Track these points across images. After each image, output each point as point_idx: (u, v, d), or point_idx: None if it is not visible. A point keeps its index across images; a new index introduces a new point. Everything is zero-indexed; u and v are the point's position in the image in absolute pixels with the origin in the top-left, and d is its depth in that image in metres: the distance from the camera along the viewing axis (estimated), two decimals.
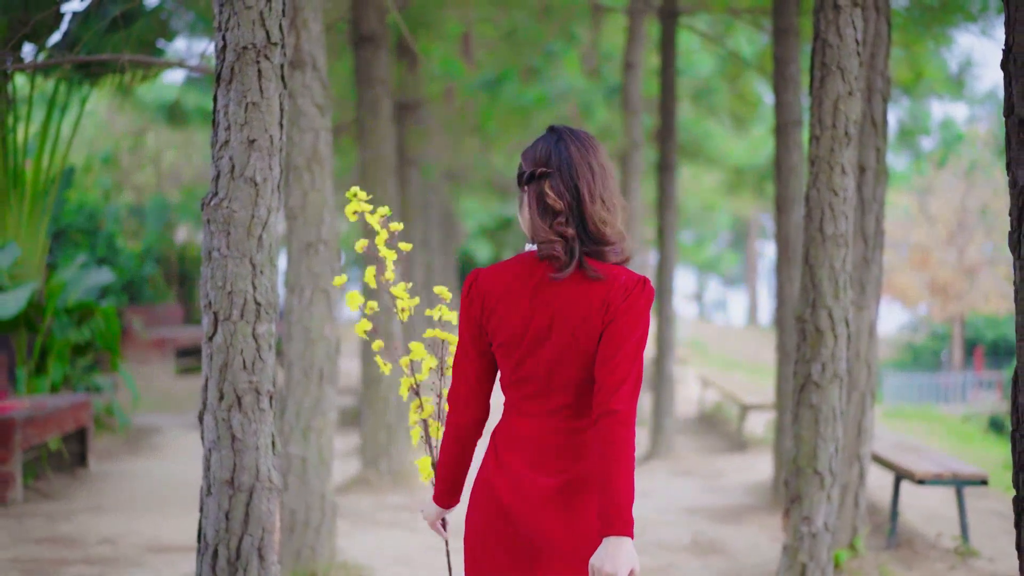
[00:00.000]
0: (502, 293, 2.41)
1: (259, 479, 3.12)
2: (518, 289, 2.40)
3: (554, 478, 2.39)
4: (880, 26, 5.25)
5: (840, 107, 3.96)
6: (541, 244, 2.38)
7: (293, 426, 4.99)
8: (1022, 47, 2.34)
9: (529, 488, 2.39)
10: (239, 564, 3.10)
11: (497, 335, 2.42)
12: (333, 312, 5.06)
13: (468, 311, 2.45)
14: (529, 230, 2.43)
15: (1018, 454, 2.40)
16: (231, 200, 3.08)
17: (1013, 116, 2.37)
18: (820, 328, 4.05)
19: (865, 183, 5.32)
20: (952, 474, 5.85)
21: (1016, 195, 2.36)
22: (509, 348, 2.41)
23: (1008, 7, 2.37)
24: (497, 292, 2.42)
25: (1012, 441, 2.41)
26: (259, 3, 3.08)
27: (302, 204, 4.99)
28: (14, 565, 5.55)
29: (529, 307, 2.39)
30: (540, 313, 2.39)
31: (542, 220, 2.38)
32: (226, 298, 3.08)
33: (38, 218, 9.25)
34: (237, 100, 3.07)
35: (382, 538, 6.33)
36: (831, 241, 4.00)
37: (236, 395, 3.09)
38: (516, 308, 2.40)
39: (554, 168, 2.39)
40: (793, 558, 4.12)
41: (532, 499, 2.39)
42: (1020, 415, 2.38)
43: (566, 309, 2.38)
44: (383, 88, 7.56)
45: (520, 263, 2.43)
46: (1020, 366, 2.39)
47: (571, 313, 2.38)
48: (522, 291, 2.40)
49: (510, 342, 2.41)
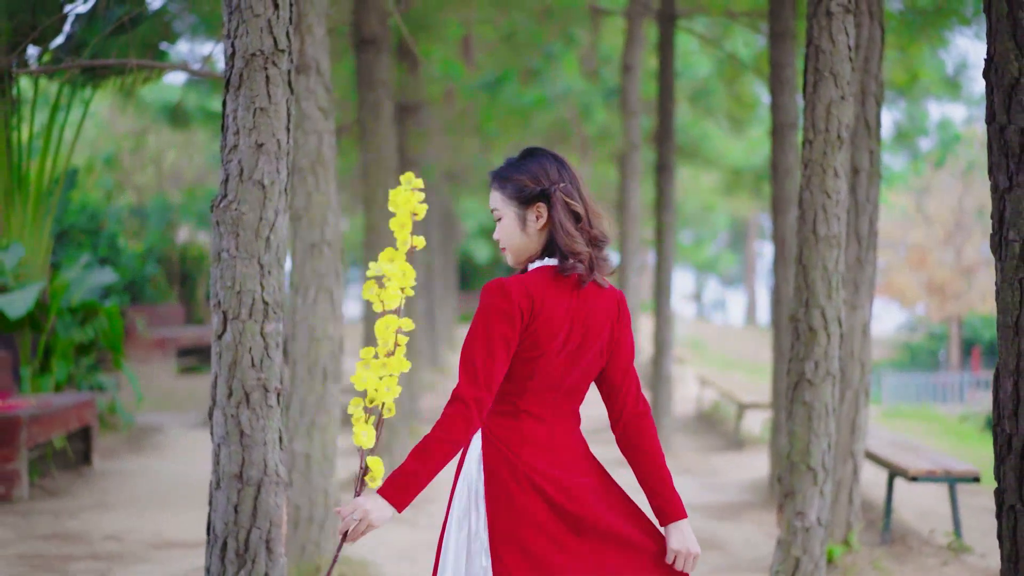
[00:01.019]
0: (544, 302, 2.48)
1: (267, 473, 3.20)
2: (555, 298, 2.49)
3: (588, 477, 2.54)
4: (873, 31, 5.35)
5: (833, 111, 4.05)
6: (573, 255, 2.49)
7: (297, 423, 5.08)
8: (1003, 57, 2.43)
9: (577, 489, 2.50)
10: (247, 556, 3.19)
11: (540, 344, 2.48)
12: (337, 311, 5.15)
13: (511, 317, 2.45)
14: (539, 245, 2.54)
15: (999, 447, 2.49)
16: (240, 202, 3.16)
17: (995, 123, 2.46)
18: (813, 327, 4.14)
19: (859, 185, 5.42)
20: (945, 471, 5.94)
21: (997, 199, 2.46)
22: (551, 356, 2.49)
23: (989, 18, 2.47)
24: (540, 301, 2.48)
25: (994, 434, 2.51)
26: (267, 11, 3.16)
27: (306, 205, 5.09)
28: (21, 561, 5.65)
29: (568, 317, 2.50)
30: (577, 323, 2.51)
31: (575, 227, 2.50)
32: (235, 297, 3.16)
33: (42, 218, 9.34)
34: (246, 105, 3.16)
35: (384, 534, 6.42)
36: (824, 242, 4.09)
37: (244, 392, 3.17)
38: (557, 318, 2.49)
39: (566, 180, 2.54)
40: (787, 552, 4.21)
41: (584, 498, 2.49)
42: (1001, 409, 2.48)
43: (593, 318, 2.53)
44: (384, 90, 7.65)
45: (543, 274, 2.52)
46: (1002, 363, 2.49)
47: (597, 322, 2.53)
48: (558, 300, 2.50)
49: (553, 350, 2.49)
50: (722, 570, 5.61)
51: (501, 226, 2.56)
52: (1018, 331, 2.46)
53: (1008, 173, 2.43)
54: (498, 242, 2.57)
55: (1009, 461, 2.47)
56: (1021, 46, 2.41)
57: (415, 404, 11.35)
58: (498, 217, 2.56)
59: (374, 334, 8.67)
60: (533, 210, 2.52)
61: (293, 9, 3.23)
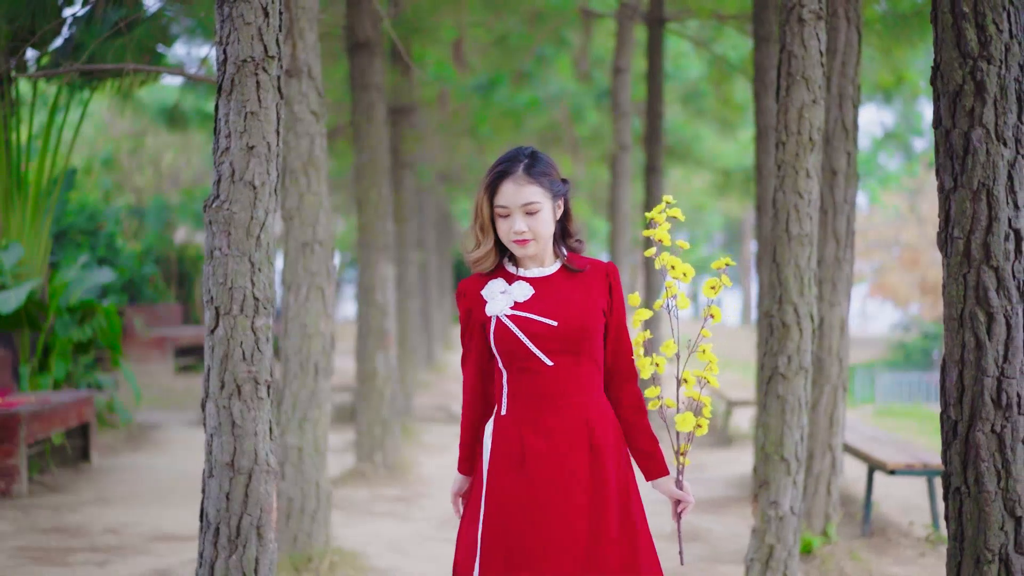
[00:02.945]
0: None
1: (257, 463, 3.35)
2: None
3: None
4: (851, 35, 5.50)
5: (805, 114, 4.20)
6: (576, 236, 2.81)
7: (290, 417, 5.23)
8: (948, 65, 2.58)
9: None
10: (239, 541, 3.33)
11: None
12: (328, 309, 5.30)
13: None
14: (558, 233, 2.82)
15: (945, 433, 2.64)
16: (231, 202, 3.31)
17: (941, 127, 2.61)
18: (786, 323, 4.29)
19: (836, 186, 5.57)
20: (922, 464, 6.10)
21: (943, 199, 2.61)
22: None
23: (936, 29, 2.62)
24: None
25: (941, 422, 2.66)
26: (257, 19, 3.31)
27: (298, 206, 5.23)
28: (23, 553, 5.78)
29: None
30: None
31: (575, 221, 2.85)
32: (227, 293, 3.30)
33: (40, 219, 9.47)
34: (237, 110, 3.30)
35: (376, 527, 6.57)
36: (796, 241, 4.25)
37: (236, 384, 3.31)
38: None
39: None
40: (761, 540, 4.36)
41: None
42: (948, 398, 2.63)
43: None
44: (378, 93, 7.79)
45: None
46: (948, 354, 2.64)
47: None
48: None
49: None
50: (704, 560, 5.76)
51: (539, 219, 2.70)
52: (962, 323, 2.61)
53: (953, 174, 2.59)
54: (521, 234, 2.70)
55: (955, 446, 2.63)
56: (964, 55, 2.56)
57: (409, 403, 11.49)
58: (535, 210, 2.70)
59: (372, 334, 8.72)
60: (559, 202, 2.76)
61: (284, 16, 3.38)
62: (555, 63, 12.01)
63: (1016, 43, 2.54)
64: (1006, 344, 2.56)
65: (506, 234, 2.72)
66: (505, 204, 2.69)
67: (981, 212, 2.55)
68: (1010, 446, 2.57)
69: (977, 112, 2.54)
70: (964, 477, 2.60)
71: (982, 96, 2.53)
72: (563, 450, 2.64)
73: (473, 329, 2.77)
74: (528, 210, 2.69)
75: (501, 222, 2.72)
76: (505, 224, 2.71)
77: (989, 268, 2.55)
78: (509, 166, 2.72)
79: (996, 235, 2.54)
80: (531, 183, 2.69)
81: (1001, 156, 2.54)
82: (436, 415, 12.30)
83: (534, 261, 2.77)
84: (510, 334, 2.68)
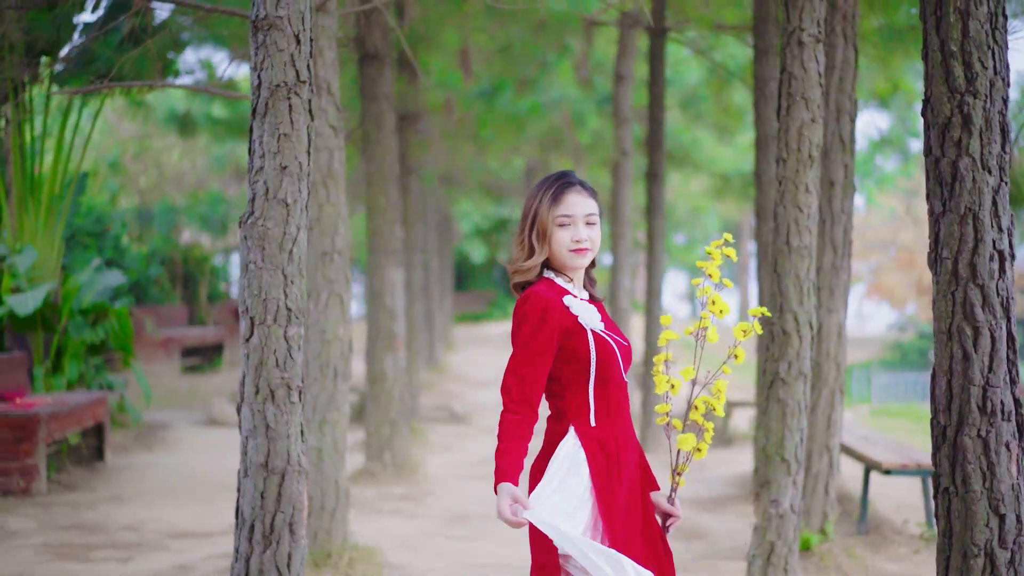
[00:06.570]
0: None
1: (290, 463, 3.55)
2: None
3: None
4: (848, 53, 5.72)
5: (804, 133, 4.42)
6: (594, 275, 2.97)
7: (310, 419, 5.44)
8: (938, 99, 2.80)
9: None
10: (272, 538, 3.54)
11: None
12: (346, 315, 5.51)
13: None
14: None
15: (935, 437, 2.87)
16: (265, 219, 3.51)
17: (931, 156, 2.83)
18: (786, 330, 4.51)
19: (834, 196, 5.79)
20: (916, 464, 6.32)
21: (933, 222, 2.83)
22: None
23: (927, 65, 2.84)
24: None
25: (931, 427, 2.88)
26: (290, 46, 3.52)
27: (318, 216, 5.44)
28: (47, 549, 5.99)
29: None
30: None
31: None
32: (261, 304, 3.50)
33: (54, 222, 9.65)
34: (270, 132, 3.51)
35: (386, 525, 6.78)
36: (796, 253, 4.46)
37: (270, 389, 3.51)
38: None
39: None
40: (762, 537, 4.58)
41: None
42: (937, 404, 2.85)
43: None
44: (387, 103, 7.99)
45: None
46: (937, 364, 2.86)
47: None
48: None
49: None
50: (704, 557, 5.98)
51: (596, 231, 2.85)
52: (951, 337, 2.83)
53: (942, 199, 2.81)
54: (582, 243, 2.81)
55: (944, 449, 2.85)
56: (952, 90, 2.78)
57: (415, 403, 11.70)
58: (594, 222, 2.85)
59: (381, 337, 8.85)
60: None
61: (313, 44, 3.59)
62: (557, 69, 12.23)
63: (1000, 79, 2.76)
64: (991, 356, 2.78)
65: (566, 243, 2.79)
66: (570, 213, 2.78)
67: (968, 235, 2.77)
68: (994, 449, 2.79)
69: (964, 142, 2.76)
70: (952, 478, 2.82)
71: (969, 128, 2.75)
72: (635, 459, 2.83)
73: (557, 337, 2.75)
74: (589, 220, 2.82)
75: (560, 231, 2.78)
76: (566, 233, 2.79)
77: (975, 286, 2.78)
78: (571, 178, 2.85)
79: (982, 256, 2.77)
80: (590, 197, 2.85)
81: (986, 183, 2.76)
82: (439, 415, 12.51)
83: (576, 284, 2.87)
84: (609, 347, 2.78)
